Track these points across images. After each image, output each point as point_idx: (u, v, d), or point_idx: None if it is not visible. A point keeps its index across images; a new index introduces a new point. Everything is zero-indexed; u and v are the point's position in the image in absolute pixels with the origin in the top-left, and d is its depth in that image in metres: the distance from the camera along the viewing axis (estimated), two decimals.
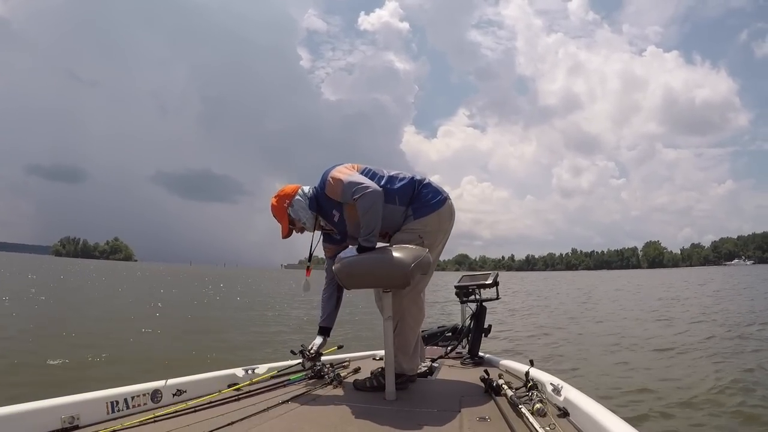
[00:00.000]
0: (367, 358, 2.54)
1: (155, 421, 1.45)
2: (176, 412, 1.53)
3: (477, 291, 2.59)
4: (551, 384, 1.60)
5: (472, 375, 2.10)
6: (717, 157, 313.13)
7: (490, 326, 2.55)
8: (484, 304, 2.59)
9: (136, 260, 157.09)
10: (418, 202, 1.92)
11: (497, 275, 2.58)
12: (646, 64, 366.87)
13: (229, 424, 1.42)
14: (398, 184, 1.91)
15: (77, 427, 1.39)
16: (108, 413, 1.49)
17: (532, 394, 1.58)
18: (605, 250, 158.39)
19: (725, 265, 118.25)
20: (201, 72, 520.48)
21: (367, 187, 1.81)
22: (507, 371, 2.12)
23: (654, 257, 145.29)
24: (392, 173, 1.95)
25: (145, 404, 1.59)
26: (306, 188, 2.03)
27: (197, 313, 10.24)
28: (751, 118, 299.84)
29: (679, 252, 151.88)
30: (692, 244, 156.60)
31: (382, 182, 1.90)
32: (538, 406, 1.45)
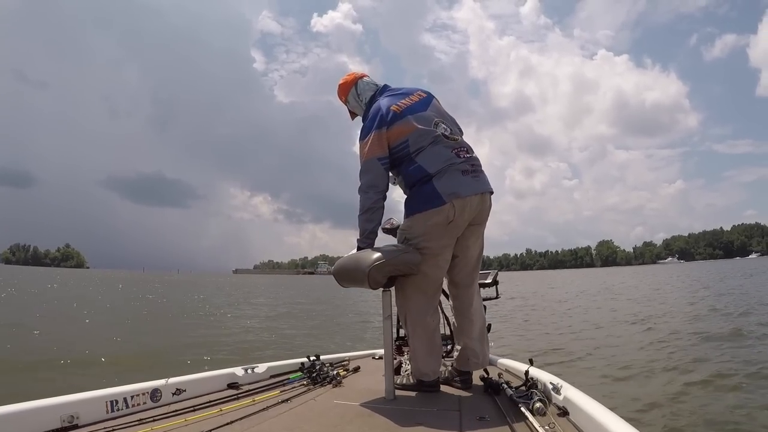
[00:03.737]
0: (366, 357, 2.53)
1: (154, 420, 1.44)
2: (176, 411, 1.53)
3: None
4: (551, 383, 1.59)
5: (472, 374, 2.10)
6: (667, 158, 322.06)
7: (489, 325, 2.54)
8: (483, 303, 2.57)
9: (88, 267, 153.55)
10: (412, 195, 1.82)
11: (497, 274, 2.54)
12: (597, 67, 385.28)
13: (228, 424, 1.42)
14: (412, 172, 1.79)
15: (76, 426, 1.39)
16: (107, 412, 1.48)
17: (531, 393, 1.57)
18: (559, 250, 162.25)
19: (658, 263, 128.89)
20: (153, 73, 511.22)
21: (366, 191, 1.81)
22: (506, 370, 2.10)
23: (607, 256, 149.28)
24: (424, 157, 1.78)
25: (144, 403, 1.59)
26: (364, 86, 2.01)
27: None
28: (700, 120, 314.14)
29: (632, 250, 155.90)
30: (644, 243, 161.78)
31: (402, 167, 1.81)
32: (537, 405, 1.44)
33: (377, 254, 1.67)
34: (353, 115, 2.11)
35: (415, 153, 1.79)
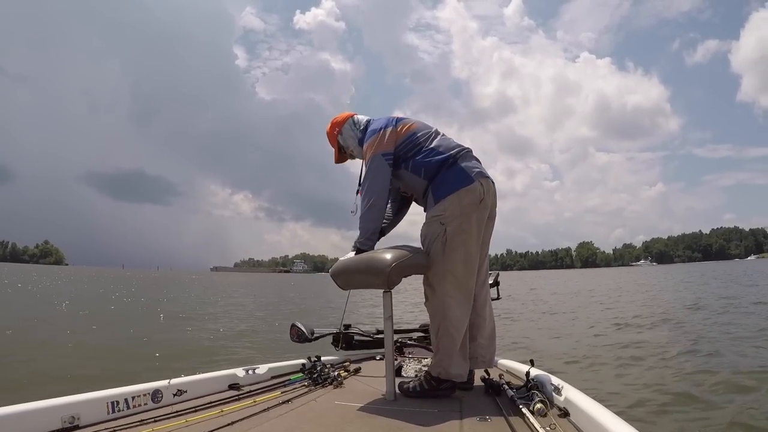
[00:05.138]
0: (367, 358, 2.53)
1: (156, 421, 1.44)
2: (177, 412, 1.53)
3: None
4: (552, 384, 1.61)
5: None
6: (648, 161, 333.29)
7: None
8: None
9: (67, 264, 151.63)
10: (440, 179, 1.79)
11: (498, 275, 2.54)
12: (580, 69, 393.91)
13: (229, 424, 1.42)
14: (430, 158, 1.81)
15: (77, 427, 1.37)
16: (108, 413, 1.47)
17: (532, 394, 1.58)
18: (540, 251, 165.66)
19: (631, 265, 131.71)
20: (134, 68, 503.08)
21: (370, 188, 1.81)
22: (507, 371, 2.12)
23: (587, 257, 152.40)
24: (437, 144, 1.84)
25: (145, 404, 1.58)
26: (360, 118, 2.06)
27: None
28: (681, 124, 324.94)
29: (612, 252, 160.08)
30: (624, 244, 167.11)
31: (419, 156, 1.82)
32: (538, 406, 1.45)
33: (393, 254, 1.66)
34: (339, 157, 2.10)
35: (429, 140, 1.85)
